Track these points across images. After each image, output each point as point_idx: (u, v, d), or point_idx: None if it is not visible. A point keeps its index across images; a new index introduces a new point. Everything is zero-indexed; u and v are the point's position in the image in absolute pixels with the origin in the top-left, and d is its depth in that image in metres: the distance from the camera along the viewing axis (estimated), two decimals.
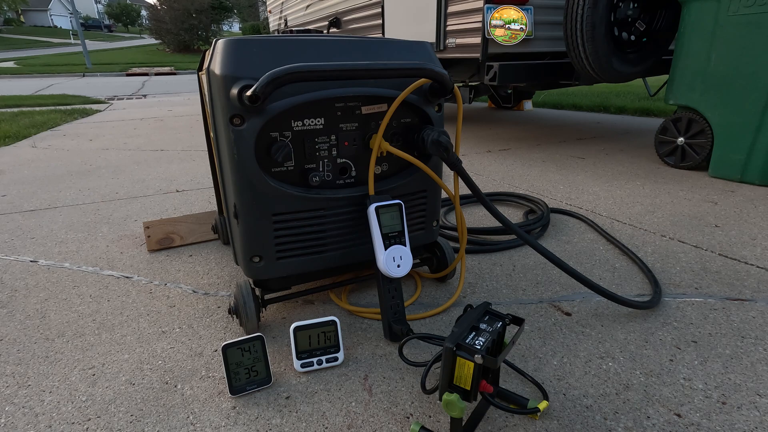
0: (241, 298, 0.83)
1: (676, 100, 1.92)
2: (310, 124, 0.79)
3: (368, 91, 0.81)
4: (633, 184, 1.81)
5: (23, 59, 18.57)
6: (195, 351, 0.83)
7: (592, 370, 0.75)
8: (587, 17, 1.91)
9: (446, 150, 0.82)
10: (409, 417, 0.66)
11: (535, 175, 2.01)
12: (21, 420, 0.67)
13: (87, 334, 0.88)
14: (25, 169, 2.30)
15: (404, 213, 0.83)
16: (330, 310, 0.96)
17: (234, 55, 0.73)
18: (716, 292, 0.99)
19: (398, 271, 0.81)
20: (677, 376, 0.73)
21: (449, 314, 0.93)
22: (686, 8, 1.80)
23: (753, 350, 0.79)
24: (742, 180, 1.77)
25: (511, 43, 2.20)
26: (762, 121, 1.63)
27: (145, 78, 11.89)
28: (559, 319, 0.90)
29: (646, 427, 0.63)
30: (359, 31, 3.43)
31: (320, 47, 0.80)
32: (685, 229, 1.34)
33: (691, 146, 1.95)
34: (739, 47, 1.66)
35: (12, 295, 1.04)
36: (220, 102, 0.73)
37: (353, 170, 0.86)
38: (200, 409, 0.68)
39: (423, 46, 0.90)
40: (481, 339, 0.57)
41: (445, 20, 2.48)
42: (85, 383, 0.75)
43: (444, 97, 0.87)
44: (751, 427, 0.63)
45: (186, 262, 1.20)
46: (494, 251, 1.23)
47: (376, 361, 0.79)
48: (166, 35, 22.47)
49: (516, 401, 0.66)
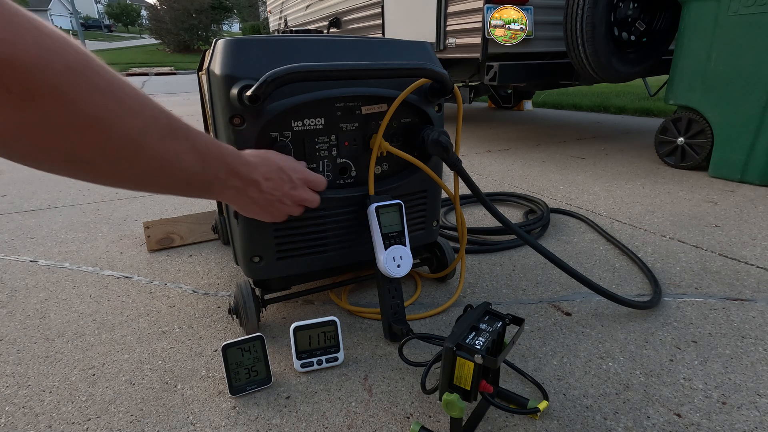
0: (241, 298, 0.83)
1: (676, 100, 1.92)
2: (310, 124, 0.79)
3: (368, 91, 0.81)
4: (633, 184, 1.81)
5: None
6: (195, 351, 0.83)
7: (592, 370, 0.75)
8: (587, 17, 1.91)
9: (446, 150, 0.82)
10: (409, 417, 0.66)
11: (535, 175, 2.01)
12: (21, 420, 0.67)
13: (87, 334, 0.88)
14: (25, 168, 2.30)
15: (404, 213, 0.84)
16: (330, 310, 0.96)
17: (234, 55, 0.73)
18: (716, 292, 0.99)
19: (398, 271, 0.81)
20: (677, 376, 0.73)
21: (449, 314, 0.93)
22: (686, 8, 1.80)
23: (753, 350, 0.79)
24: (742, 180, 1.77)
25: (511, 43, 2.20)
26: (762, 121, 1.63)
27: (145, 78, 11.89)
28: (559, 319, 0.90)
29: (646, 427, 0.63)
30: (359, 31, 3.43)
31: (320, 47, 0.80)
32: (685, 229, 1.34)
33: (691, 146, 1.95)
34: (739, 47, 1.66)
35: (12, 295, 1.04)
36: (220, 102, 0.73)
37: (353, 170, 0.86)
38: (200, 409, 0.69)
39: (423, 46, 0.90)
40: (481, 339, 0.57)
41: (445, 20, 2.48)
42: (85, 383, 0.75)
43: (444, 97, 0.87)
44: (751, 427, 0.63)
45: (186, 262, 1.20)
46: (494, 251, 1.23)
47: (376, 361, 0.79)
48: (166, 35, 22.49)
49: (516, 401, 0.66)
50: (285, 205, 0.69)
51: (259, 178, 0.62)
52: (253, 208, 0.67)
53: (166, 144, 0.44)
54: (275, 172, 0.65)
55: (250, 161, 0.62)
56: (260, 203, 0.66)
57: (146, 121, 0.41)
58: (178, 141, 0.46)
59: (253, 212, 0.69)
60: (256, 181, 0.62)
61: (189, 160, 0.48)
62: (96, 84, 0.36)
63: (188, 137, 0.48)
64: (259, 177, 0.62)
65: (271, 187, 0.65)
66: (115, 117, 0.38)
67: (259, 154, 0.66)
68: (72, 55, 0.34)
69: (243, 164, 0.59)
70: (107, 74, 0.38)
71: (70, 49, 0.34)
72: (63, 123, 0.34)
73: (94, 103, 0.36)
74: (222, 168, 0.56)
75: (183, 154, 0.47)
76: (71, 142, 0.36)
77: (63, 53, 0.33)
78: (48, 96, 0.32)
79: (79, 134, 0.36)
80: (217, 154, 0.54)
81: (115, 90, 0.38)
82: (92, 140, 0.37)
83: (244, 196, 0.63)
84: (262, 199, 0.65)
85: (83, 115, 0.35)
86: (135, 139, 0.40)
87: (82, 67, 0.35)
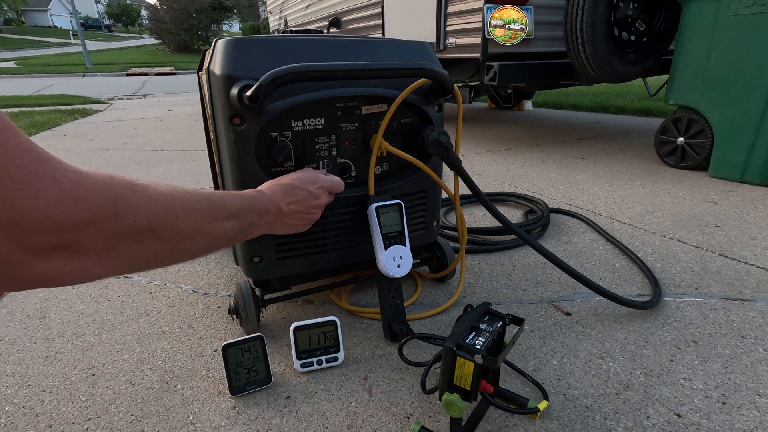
0: (241, 298, 0.83)
1: (676, 100, 1.92)
2: (310, 124, 0.79)
3: (368, 91, 0.81)
4: (633, 184, 1.81)
5: (23, 59, 18.58)
6: (195, 351, 0.83)
7: (592, 370, 0.75)
8: (587, 17, 1.91)
9: (446, 150, 0.82)
10: (409, 417, 0.66)
11: (535, 175, 2.01)
12: (21, 420, 0.67)
13: (87, 334, 0.88)
14: None
15: (404, 213, 0.84)
16: (330, 310, 0.96)
17: (234, 55, 0.73)
18: (716, 292, 0.99)
19: (398, 271, 0.81)
20: (677, 376, 0.73)
21: (449, 314, 0.93)
22: (686, 8, 1.80)
23: (753, 350, 0.79)
24: (742, 180, 1.77)
25: (511, 43, 2.20)
26: (762, 121, 1.63)
27: (145, 78, 11.90)
28: (559, 319, 0.90)
29: (646, 427, 0.63)
30: (359, 31, 3.43)
31: (320, 47, 0.80)
32: (685, 229, 1.34)
33: (691, 146, 1.95)
34: (739, 47, 1.66)
35: (12, 295, 1.04)
36: (220, 102, 0.73)
37: (353, 170, 0.86)
38: (200, 409, 0.69)
39: (423, 46, 0.90)
40: (481, 339, 0.57)
41: (445, 20, 2.48)
42: (85, 383, 0.75)
43: (444, 97, 0.87)
44: (751, 427, 0.63)
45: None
46: (494, 251, 1.23)
47: (376, 361, 0.79)
48: (166, 35, 22.48)
49: (516, 401, 0.66)
50: (312, 215, 0.75)
51: (282, 206, 0.69)
52: (288, 229, 0.73)
53: (213, 228, 0.54)
54: (293, 193, 0.70)
55: (271, 195, 0.68)
56: (292, 224, 0.72)
57: (196, 219, 0.51)
58: (219, 219, 0.55)
59: (290, 231, 0.74)
60: (280, 210, 0.69)
61: (231, 228, 0.58)
62: (160, 203, 0.46)
63: (225, 207, 0.56)
64: (282, 205, 0.69)
65: (295, 209, 0.71)
66: (174, 231, 0.48)
67: (275, 183, 0.71)
68: (145, 208, 0.44)
69: (267, 202, 0.67)
70: (161, 189, 0.47)
71: (145, 202, 0.44)
72: (156, 249, 0.46)
73: (164, 218, 0.46)
74: (254, 216, 0.64)
75: (226, 227, 0.57)
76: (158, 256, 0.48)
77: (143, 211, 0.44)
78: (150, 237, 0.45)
79: (162, 250, 0.48)
80: (248, 208, 0.62)
81: (171, 200, 0.47)
82: (167, 249, 0.48)
83: (278, 224, 0.70)
84: (292, 219, 0.71)
85: (164, 239, 0.47)
86: (191, 237, 0.50)
87: (151, 211, 0.45)
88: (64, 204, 0.35)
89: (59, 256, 0.36)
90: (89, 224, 0.38)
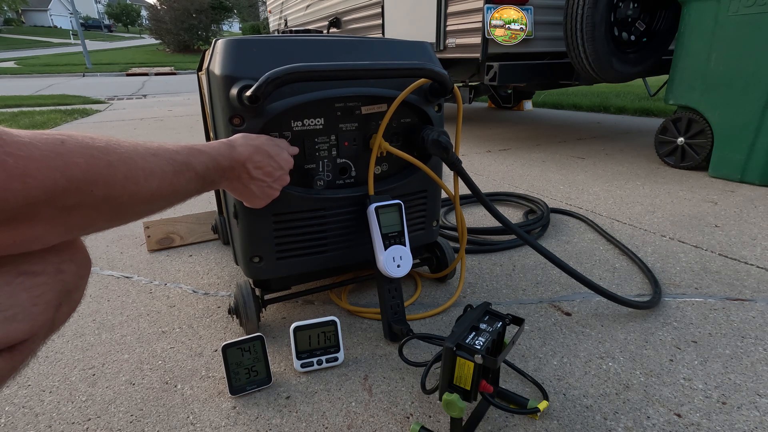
0: (241, 298, 0.83)
1: (676, 100, 1.92)
2: (310, 125, 0.79)
3: (368, 91, 0.81)
4: (633, 184, 1.81)
5: (23, 59, 18.58)
6: (195, 351, 0.83)
7: (592, 370, 0.75)
8: (587, 17, 1.91)
9: (446, 150, 0.82)
10: (409, 417, 0.66)
11: (535, 175, 2.01)
12: (21, 420, 0.67)
13: (87, 334, 0.88)
14: None
15: (404, 213, 0.84)
16: (330, 310, 0.96)
17: (234, 55, 0.73)
18: (716, 292, 0.99)
19: (398, 271, 0.81)
20: (677, 376, 0.73)
21: (449, 314, 0.93)
22: (686, 8, 1.80)
23: (753, 350, 0.79)
24: (742, 180, 1.77)
25: (511, 43, 2.20)
26: (762, 121, 1.63)
27: (145, 78, 11.90)
28: (559, 319, 0.90)
29: (646, 427, 0.63)
30: (359, 31, 3.43)
31: (320, 47, 0.80)
32: (685, 229, 1.34)
33: (691, 146, 1.95)
34: (739, 47, 1.65)
35: None
36: (220, 102, 0.73)
37: (353, 170, 0.86)
38: (200, 409, 0.69)
39: (423, 46, 0.90)
40: (481, 339, 0.57)
41: (445, 20, 2.48)
42: (85, 383, 0.75)
43: (444, 97, 0.87)
44: (751, 427, 0.63)
45: (186, 262, 1.20)
46: (494, 251, 1.23)
47: (376, 361, 0.79)
48: (166, 35, 22.47)
49: (516, 401, 0.66)
50: (272, 191, 0.72)
51: (250, 167, 0.66)
52: (244, 195, 0.71)
53: (175, 188, 0.52)
54: (264, 160, 0.68)
55: (240, 153, 0.65)
56: (252, 192, 0.70)
57: (159, 184, 0.49)
58: (183, 181, 0.54)
59: (245, 198, 0.72)
60: (245, 170, 0.66)
61: (193, 187, 0.57)
62: (121, 169, 0.43)
63: (190, 167, 0.55)
64: (250, 166, 0.66)
65: (260, 176, 0.68)
66: (135, 198, 0.46)
67: (248, 140, 0.68)
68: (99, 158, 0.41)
69: (234, 159, 0.64)
70: (122, 152, 0.44)
71: (95, 152, 0.41)
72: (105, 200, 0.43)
73: (123, 185, 0.44)
74: (217, 174, 0.62)
75: (189, 187, 0.55)
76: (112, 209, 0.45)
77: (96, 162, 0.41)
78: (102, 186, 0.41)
79: (121, 213, 0.46)
80: (213, 167, 0.60)
81: (132, 165, 0.45)
82: (126, 212, 0.46)
83: (238, 184, 0.68)
84: (254, 186, 0.69)
85: (124, 206, 0.45)
86: (152, 201, 0.49)
87: (106, 164, 0.42)
88: (11, 185, 0.32)
89: (7, 228, 0.34)
90: (41, 201, 0.35)
